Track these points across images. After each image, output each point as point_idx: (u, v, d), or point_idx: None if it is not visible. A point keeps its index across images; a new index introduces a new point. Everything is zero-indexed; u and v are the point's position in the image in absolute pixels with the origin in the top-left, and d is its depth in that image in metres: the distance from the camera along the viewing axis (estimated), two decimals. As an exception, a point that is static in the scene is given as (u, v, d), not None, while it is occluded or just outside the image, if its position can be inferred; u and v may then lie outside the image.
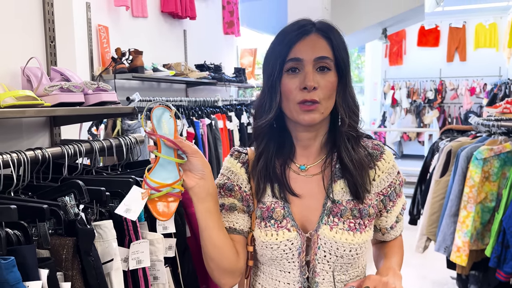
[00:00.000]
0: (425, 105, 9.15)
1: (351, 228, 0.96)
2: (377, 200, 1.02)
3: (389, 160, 1.02)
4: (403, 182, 1.06)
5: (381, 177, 1.01)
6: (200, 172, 0.93)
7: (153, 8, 3.56)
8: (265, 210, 1.00)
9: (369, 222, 0.99)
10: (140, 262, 1.07)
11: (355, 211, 0.97)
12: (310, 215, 0.99)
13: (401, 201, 1.07)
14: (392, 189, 1.03)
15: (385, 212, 1.04)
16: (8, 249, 0.82)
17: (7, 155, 1.03)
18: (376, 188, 1.01)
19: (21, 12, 1.43)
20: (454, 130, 3.14)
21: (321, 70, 0.94)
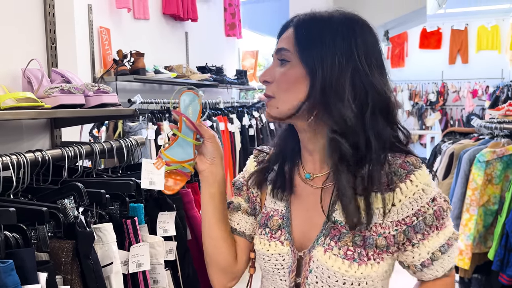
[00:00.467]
0: (427, 108, 9.13)
1: (348, 256, 0.82)
2: (397, 230, 0.82)
3: (417, 183, 0.82)
4: (442, 212, 0.83)
5: (404, 202, 0.82)
6: (211, 157, 0.94)
7: (154, 10, 3.56)
8: (264, 216, 0.95)
9: (376, 255, 0.82)
10: (140, 265, 1.06)
11: (357, 238, 0.82)
12: (310, 232, 0.89)
13: (441, 234, 0.84)
14: (420, 219, 0.82)
15: (410, 246, 0.83)
16: (7, 252, 0.81)
17: (7, 157, 1.02)
18: (395, 216, 0.82)
19: (21, 13, 1.43)
20: (456, 133, 3.12)
21: (281, 63, 0.86)
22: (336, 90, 0.80)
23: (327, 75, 0.80)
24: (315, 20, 0.84)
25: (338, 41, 0.81)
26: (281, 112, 0.86)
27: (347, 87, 0.80)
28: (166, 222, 1.20)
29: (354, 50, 0.81)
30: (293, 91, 0.84)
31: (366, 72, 0.81)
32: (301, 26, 0.85)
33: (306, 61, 0.82)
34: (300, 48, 0.83)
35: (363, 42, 0.82)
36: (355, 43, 0.81)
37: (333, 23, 0.83)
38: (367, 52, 0.82)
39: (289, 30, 0.87)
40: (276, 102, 0.86)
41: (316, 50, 0.81)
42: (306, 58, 0.82)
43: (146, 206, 1.17)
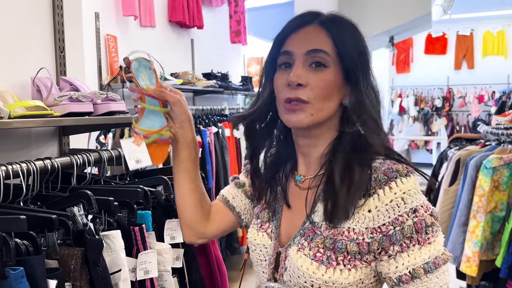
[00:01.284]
0: (433, 113, 9.10)
1: (316, 258, 0.80)
2: (372, 237, 0.78)
3: (397, 191, 0.77)
4: (424, 226, 0.77)
5: (379, 209, 0.78)
6: (180, 122, 0.92)
7: (161, 17, 3.59)
8: (260, 207, 0.96)
9: (346, 261, 0.79)
10: (148, 272, 1.06)
11: (328, 241, 0.80)
12: (291, 231, 0.89)
13: (424, 250, 0.77)
14: (398, 229, 0.77)
15: (386, 257, 0.78)
16: (17, 260, 0.82)
17: (17, 165, 1.04)
18: (371, 222, 0.78)
19: (31, 22, 1.45)
20: (462, 139, 3.11)
21: (316, 66, 0.81)
22: (370, 98, 0.82)
23: (366, 85, 0.82)
24: (346, 24, 0.84)
25: (365, 49, 0.84)
26: (314, 120, 0.82)
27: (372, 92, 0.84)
28: (173, 229, 1.21)
29: (369, 57, 0.85)
30: (330, 99, 0.82)
31: (372, 73, 0.85)
32: (339, 27, 0.83)
33: (349, 69, 0.82)
34: (344, 54, 0.81)
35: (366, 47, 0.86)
36: (367, 49, 0.85)
37: (357, 30, 0.85)
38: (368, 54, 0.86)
39: (310, 28, 0.83)
40: (311, 108, 0.81)
41: (356, 59, 0.82)
42: (349, 67, 0.82)
43: (153, 213, 1.18)
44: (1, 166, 1.00)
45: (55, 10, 1.52)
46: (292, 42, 0.83)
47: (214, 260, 1.38)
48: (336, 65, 0.81)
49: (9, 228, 0.84)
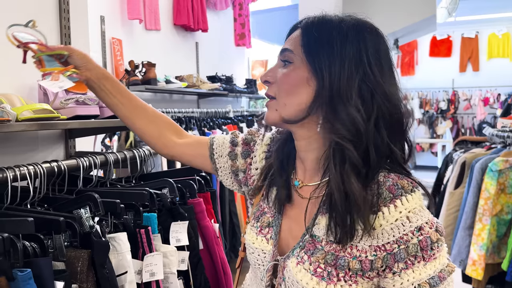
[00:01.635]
0: (438, 116, 9.07)
1: (317, 274, 0.79)
2: (375, 255, 0.77)
3: (402, 209, 0.76)
4: (430, 243, 0.76)
5: (384, 227, 0.76)
6: (83, 64, 1.03)
7: (165, 21, 3.61)
8: (260, 210, 0.93)
9: (347, 277, 0.77)
10: (154, 274, 1.07)
11: (329, 257, 0.78)
12: (290, 240, 0.87)
13: (429, 266, 0.76)
14: (402, 248, 0.75)
15: (390, 274, 0.77)
16: (25, 261, 0.83)
17: (24, 168, 1.05)
18: (375, 240, 0.77)
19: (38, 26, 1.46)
20: (468, 141, 3.10)
21: (284, 63, 0.83)
22: (344, 95, 0.77)
23: (335, 80, 0.77)
24: (324, 23, 0.81)
25: (347, 45, 0.78)
26: (280, 115, 0.83)
27: (354, 92, 0.76)
28: (178, 232, 1.22)
29: (363, 56, 0.78)
30: (294, 94, 0.81)
31: (377, 79, 0.78)
32: (309, 28, 0.82)
33: (312, 64, 0.79)
34: (306, 50, 0.80)
35: (373, 48, 0.79)
36: (365, 48, 0.78)
37: (342, 27, 0.79)
38: (377, 58, 0.79)
39: (296, 32, 0.85)
40: (276, 104, 0.83)
41: (324, 54, 0.78)
42: (313, 61, 0.79)
43: (159, 216, 1.19)
44: (9, 169, 1.01)
45: (61, 14, 1.53)
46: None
47: (219, 262, 1.38)
48: (301, 61, 0.81)
49: (17, 230, 0.85)
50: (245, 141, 1.00)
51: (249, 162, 0.99)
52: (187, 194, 1.31)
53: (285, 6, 6.22)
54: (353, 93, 0.76)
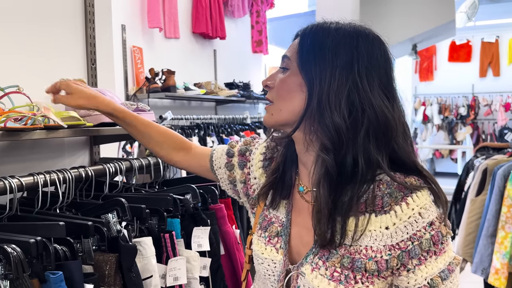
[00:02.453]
0: (458, 122, 8.94)
1: (334, 278, 0.79)
2: (390, 255, 0.78)
3: (414, 206, 0.77)
4: (440, 237, 0.78)
5: (398, 226, 0.77)
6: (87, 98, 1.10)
7: (185, 29, 3.67)
8: (266, 220, 0.92)
9: (364, 279, 0.79)
10: (177, 279, 1.09)
11: (345, 260, 0.79)
12: (301, 247, 0.87)
13: (440, 260, 0.79)
14: (416, 244, 0.77)
15: (405, 271, 0.79)
16: (56, 264, 0.86)
17: (54, 174, 1.08)
18: (389, 240, 0.78)
19: (65, 36, 1.51)
20: (489, 148, 3.06)
21: (282, 70, 0.86)
22: (331, 104, 0.77)
23: (324, 88, 0.78)
24: (320, 30, 0.82)
25: (339, 53, 0.78)
26: (275, 119, 0.85)
27: (343, 102, 0.77)
28: (200, 237, 1.23)
29: (355, 65, 0.78)
30: (288, 99, 0.83)
31: (366, 89, 0.78)
32: (306, 35, 0.83)
33: (304, 71, 0.81)
34: (300, 57, 0.82)
35: (367, 56, 0.79)
36: (357, 57, 0.78)
37: (338, 34, 0.80)
38: (370, 67, 0.79)
39: (297, 39, 0.87)
40: (273, 108, 0.86)
41: (316, 61, 0.79)
42: (305, 68, 0.81)
43: (182, 221, 1.21)
44: (40, 175, 1.05)
45: (87, 24, 1.58)
46: None
47: (240, 268, 1.40)
48: (296, 68, 0.82)
49: (49, 233, 0.88)
50: (240, 152, 1.02)
51: (247, 172, 1.00)
52: (208, 199, 1.33)
53: (302, 13, 6.25)
54: (342, 102, 0.77)
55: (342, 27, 0.81)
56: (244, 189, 1.00)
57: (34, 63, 1.40)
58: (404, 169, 0.81)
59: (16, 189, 0.97)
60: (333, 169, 0.78)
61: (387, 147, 0.79)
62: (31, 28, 1.38)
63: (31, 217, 1.02)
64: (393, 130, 0.79)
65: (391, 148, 0.80)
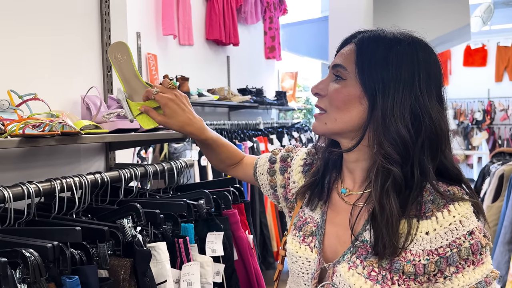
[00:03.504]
0: (473, 127, 8.82)
1: (371, 277, 0.80)
2: (428, 260, 0.79)
3: (455, 214, 0.79)
4: (480, 248, 0.79)
5: (438, 232, 0.79)
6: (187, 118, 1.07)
7: (198, 36, 3.71)
8: (302, 220, 0.95)
9: (401, 281, 0.80)
10: (191, 284, 1.09)
11: (384, 261, 0.80)
12: (338, 246, 0.89)
13: (478, 271, 0.79)
14: (455, 251, 0.78)
15: (442, 278, 0.80)
16: (73, 268, 0.87)
17: (70, 179, 1.10)
18: (428, 245, 0.80)
19: (81, 44, 1.54)
20: (506, 153, 3.02)
21: (336, 78, 0.85)
22: (396, 117, 0.79)
23: (388, 102, 0.79)
24: (380, 41, 0.82)
25: (402, 67, 0.80)
26: (329, 128, 0.86)
27: (407, 115, 0.79)
28: (214, 242, 1.24)
29: (416, 78, 0.80)
30: (345, 110, 0.83)
31: (426, 102, 0.80)
32: (365, 46, 0.83)
33: (366, 84, 0.81)
34: (361, 69, 0.82)
35: (426, 70, 0.81)
36: (418, 71, 0.80)
37: (399, 46, 0.81)
38: (428, 80, 0.81)
39: (349, 46, 0.86)
40: (326, 117, 0.86)
41: (379, 75, 0.80)
42: (367, 81, 0.81)
43: (195, 227, 1.22)
44: (57, 180, 1.07)
45: (103, 32, 1.61)
46: (334, 59, 0.89)
47: (253, 274, 1.40)
48: (354, 79, 0.82)
49: (65, 238, 0.89)
50: (282, 158, 1.07)
51: (287, 177, 1.04)
52: (222, 205, 1.34)
53: (315, 19, 6.26)
54: (406, 115, 0.79)
55: (399, 37, 0.82)
56: (283, 193, 1.05)
57: (51, 70, 1.43)
58: (448, 177, 0.84)
59: (33, 195, 0.99)
60: (402, 181, 0.79)
61: (437, 157, 0.82)
62: (49, 37, 1.42)
63: (48, 222, 1.04)
64: (445, 141, 0.82)
65: (440, 157, 0.82)
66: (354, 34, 0.87)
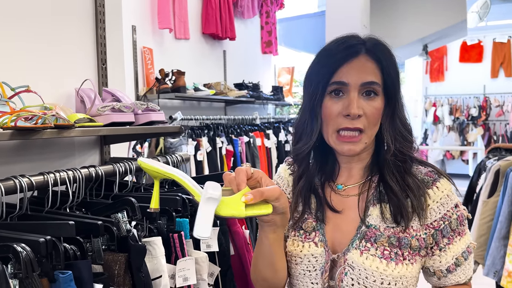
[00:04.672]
0: (469, 123, 8.84)
1: (385, 256, 0.86)
2: (426, 233, 0.89)
3: (443, 189, 0.90)
4: (464, 218, 0.90)
5: (432, 207, 0.89)
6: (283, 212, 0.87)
7: (194, 30, 3.68)
8: (298, 218, 0.95)
9: (410, 255, 0.87)
10: (187, 279, 1.08)
11: (393, 239, 0.87)
12: (342, 237, 0.92)
13: (462, 240, 0.90)
14: (447, 223, 0.89)
15: (438, 250, 0.89)
16: (66, 264, 0.85)
17: (64, 173, 1.08)
18: (425, 219, 0.89)
19: (75, 37, 1.52)
20: (502, 149, 3.01)
21: (367, 95, 0.88)
22: (399, 114, 0.92)
23: (400, 105, 0.92)
24: (390, 52, 0.91)
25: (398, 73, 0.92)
26: (366, 146, 0.91)
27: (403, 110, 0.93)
28: (210, 238, 1.23)
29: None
30: (377, 124, 0.91)
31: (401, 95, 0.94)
32: (385, 58, 0.89)
33: (390, 95, 0.90)
34: (387, 81, 0.89)
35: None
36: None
37: (393, 55, 0.92)
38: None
39: (361, 59, 0.88)
40: (365, 137, 0.89)
41: (396, 80, 0.90)
42: (391, 93, 0.90)
43: (191, 222, 1.20)
44: (50, 174, 1.05)
45: (97, 24, 1.59)
46: (345, 72, 0.88)
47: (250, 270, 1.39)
48: (381, 93, 0.90)
49: (59, 233, 0.88)
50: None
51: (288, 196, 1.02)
52: (218, 200, 1.32)
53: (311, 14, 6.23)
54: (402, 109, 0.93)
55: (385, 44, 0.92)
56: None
57: (44, 63, 1.41)
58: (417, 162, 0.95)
59: (26, 188, 0.97)
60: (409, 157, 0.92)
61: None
62: (42, 29, 1.39)
63: (41, 216, 1.02)
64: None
65: None
66: (356, 46, 0.89)
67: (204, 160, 3.08)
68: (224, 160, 3.31)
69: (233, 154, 3.40)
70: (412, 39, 4.87)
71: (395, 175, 0.90)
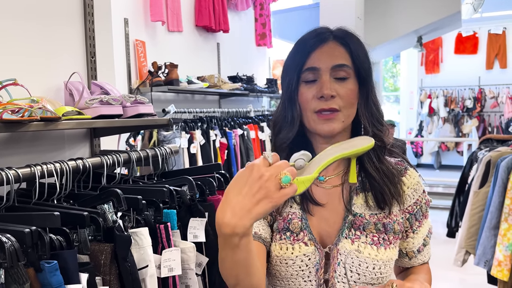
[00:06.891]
0: (464, 114, 8.87)
1: (375, 242, 0.91)
2: (403, 218, 0.97)
3: (414, 176, 0.98)
4: (429, 202, 1.01)
5: (407, 193, 0.97)
6: None
7: (188, 22, 3.67)
8: (281, 221, 0.94)
9: (394, 239, 0.94)
10: (172, 270, 1.10)
11: (379, 225, 0.93)
12: (329, 229, 0.94)
13: (427, 223, 1.01)
14: (418, 208, 0.98)
15: (412, 233, 0.99)
16: (52, 254, 0.87)
17: (51, 165, 1.09)
18: (403, 205, 0.97)
19: (63, 30, 1.52)
20: (493, 140, 3.04)
21: (340, 78, 0.91)
22: (373, 99, 0.95)
23: (373, 91, 0.95)
24: (357, 38, 0.95)
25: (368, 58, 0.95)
26: (344, 126, 0.92)
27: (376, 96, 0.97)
28: (196, 228, 1.24)
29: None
30: (353, 106, 0.93)
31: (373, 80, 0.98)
32: (353, 43, 0.93)
33: (362, 78, 0.93)
34: (360, 67, 0.93)
35: None
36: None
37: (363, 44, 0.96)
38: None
39: (330, 44, 0.92)
40: (342, 116, 0.91)
41: (366, 66, 0.93)
42: (363, 75, 0.93)
43: (178, 213, 1.22)
44: (37, 166, 1.06)
45: (86, 17, 1.59)
46: (316, 58, 0.91)
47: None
48: (353, 76, 0.93)
49: (44, 223, 0.89)
50: None
51: None
52: (206, 191, 1.33)
53: (306, 6, 6.21)
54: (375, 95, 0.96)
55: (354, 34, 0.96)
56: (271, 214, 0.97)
57: (32, 57, 1.41)
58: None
59: (13, 180, 0.98)
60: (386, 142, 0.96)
61: None
62: (29, 22, 1.39)
63: (28, 208, 1.03)
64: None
65: None
66: (327, 32, 0.94)
67: (198, 153, 3.09)
68: (218, 152, 3.31)
69: (227, 147, 3.41)
70: (406, 30, 4.87)
71: (374, 163, 0.93)
